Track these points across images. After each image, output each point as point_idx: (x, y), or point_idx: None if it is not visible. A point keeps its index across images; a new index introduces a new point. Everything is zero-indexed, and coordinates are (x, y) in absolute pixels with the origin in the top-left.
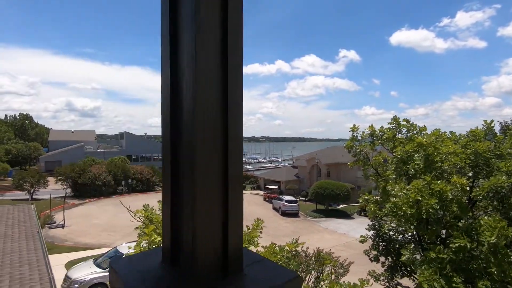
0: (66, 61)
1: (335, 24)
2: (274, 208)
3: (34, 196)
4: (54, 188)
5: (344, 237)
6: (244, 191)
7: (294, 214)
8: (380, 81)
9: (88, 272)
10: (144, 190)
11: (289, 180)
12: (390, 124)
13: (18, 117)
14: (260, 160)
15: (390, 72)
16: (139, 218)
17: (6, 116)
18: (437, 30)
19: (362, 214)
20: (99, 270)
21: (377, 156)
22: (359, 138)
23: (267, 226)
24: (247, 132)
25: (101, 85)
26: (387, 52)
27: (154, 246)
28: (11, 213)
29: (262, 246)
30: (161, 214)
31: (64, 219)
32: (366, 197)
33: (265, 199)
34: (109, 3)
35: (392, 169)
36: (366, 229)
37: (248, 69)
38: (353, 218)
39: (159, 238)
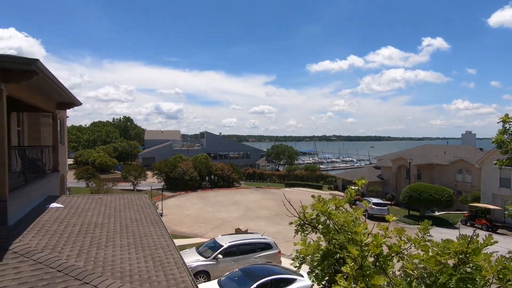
0: (154, 70)
1: (417, 10)
2: None
3: (136, 188)
4: (150, 181)
5: None
6: (321, 191)
7: (383, 218)
8: (476, 70)
9: (193, 259)
10: (225, 186)
11: (372, 181)
12: None
13: (122, 120)
14: (333, 159)
15: (490, 59)
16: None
17: (113, 119)
18: None
19: (469, 224)
20: (201, 258)
21: None
22: None
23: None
24: (317, 130)
25: (183, 90)
26: (484, 36)
27: (367, 248)
28: (134, 200)
29: None
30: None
31: (162, 209)
32: None
33: None
34: (188, 14)
35: None
36: None
37: (318, 67)
38: (457, 228)
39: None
